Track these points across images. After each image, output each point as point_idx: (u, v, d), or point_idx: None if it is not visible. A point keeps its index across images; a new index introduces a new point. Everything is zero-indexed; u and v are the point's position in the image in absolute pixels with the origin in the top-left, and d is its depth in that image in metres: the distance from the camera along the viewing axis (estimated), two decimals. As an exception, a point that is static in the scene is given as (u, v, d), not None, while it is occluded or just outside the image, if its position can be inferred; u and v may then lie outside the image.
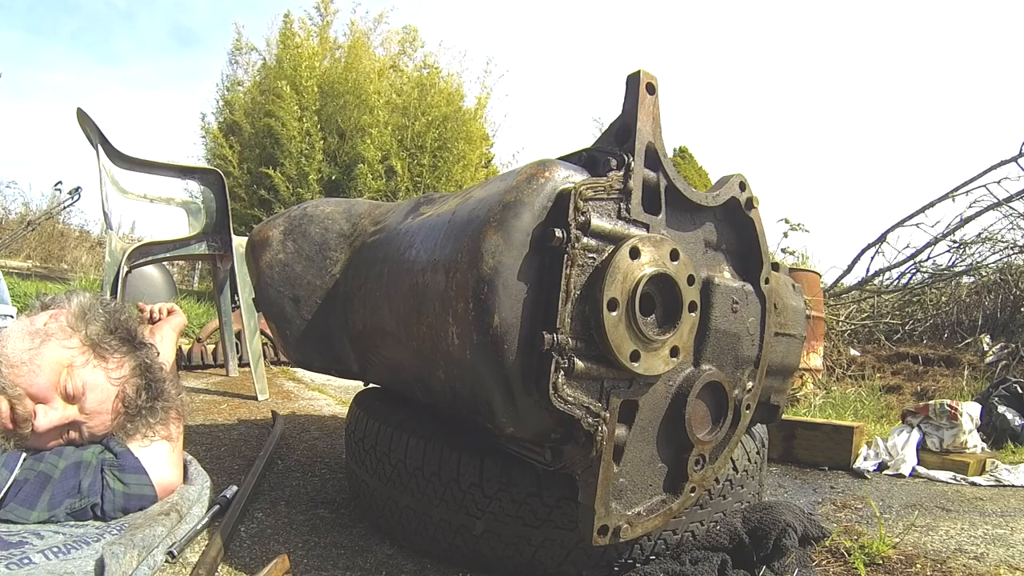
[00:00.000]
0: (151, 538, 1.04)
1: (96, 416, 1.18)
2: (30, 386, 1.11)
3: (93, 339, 1.19)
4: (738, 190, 1.17)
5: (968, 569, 1.24)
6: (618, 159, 0.98)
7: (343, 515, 1.41)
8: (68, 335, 1.18)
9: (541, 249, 0.91)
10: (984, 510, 1.71)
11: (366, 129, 7.95)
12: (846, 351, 5.62)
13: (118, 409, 1.20)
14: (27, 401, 1.11)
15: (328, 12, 9.05)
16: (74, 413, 1.16)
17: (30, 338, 1.15)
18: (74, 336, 1.18)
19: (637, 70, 0.99)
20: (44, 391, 1.12)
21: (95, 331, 1.20)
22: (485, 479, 1.11)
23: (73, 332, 1.19)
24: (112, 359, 1.21)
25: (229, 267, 2.96)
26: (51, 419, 1.13)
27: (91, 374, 1.17)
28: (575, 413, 0.91)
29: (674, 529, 1.16)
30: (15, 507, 1.06)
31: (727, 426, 1.13)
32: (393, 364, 1.28)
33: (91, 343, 1.19)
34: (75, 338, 1.18)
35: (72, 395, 1.15)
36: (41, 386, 1.12)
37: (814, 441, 2.28)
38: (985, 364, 4.89)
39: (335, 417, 2.52)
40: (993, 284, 5.89)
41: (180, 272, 10.46)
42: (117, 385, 1.20)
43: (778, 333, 1.32)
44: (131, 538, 0.99)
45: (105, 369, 1.20)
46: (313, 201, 1.56)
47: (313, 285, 1.43)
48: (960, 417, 2.32)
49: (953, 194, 6.39)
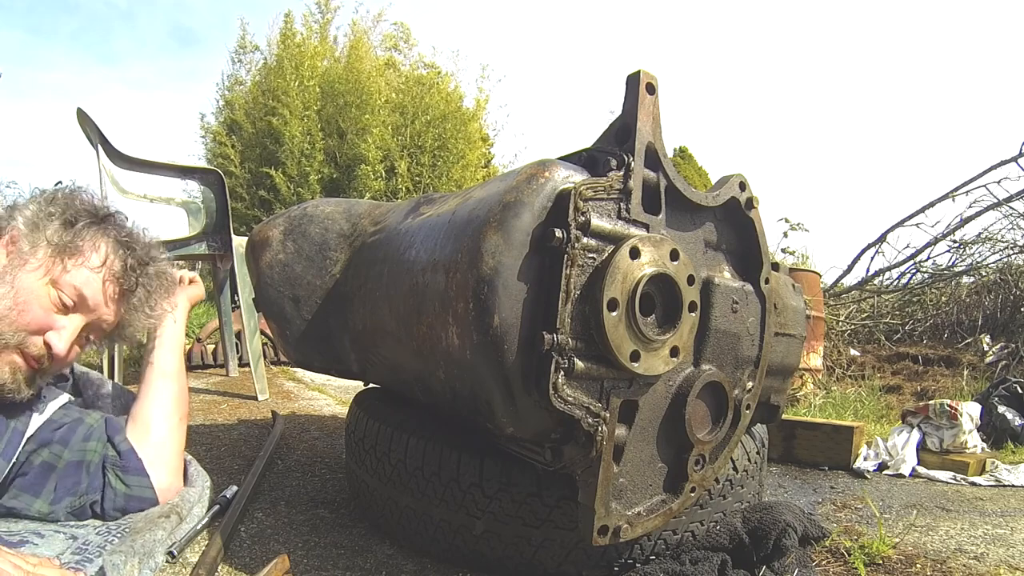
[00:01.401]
0: (151, 543, 1.04)
1: (101, 308, 1.14)
2: (28, 324, 1.06)
3: (57, 243, 1.11)
4: (738, 190, 1.17)
5: (968, 569, 1.24)
6: (618, 159, 0.98)
7: (343, 515, 1.41)
8: (32, 254, 1.09)
9: (541, 249, 0.91)
10: (984, 510, 1.71)
11: (367, 129, 7.96)
12: (846, 351, 5.62)
13: (116, 290, 1.16)
14: (34, 339, 1.07)
15: (329, 9, 9.06)
16: (80, 320, 1.12)
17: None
18: (37, 250, 1.10)
19: (637, 70, 0.99)
20: (42, 320, 1.08)
21: (55, 234, 1.11)
22: (485, 479, 1.11)
23: (33, 247, 1.10)
24: (86, 249, 1.13)
25: (229, 267, 2.97)
26: (65, 339, 1.10)
27: (75, 275, 1.11)
28: (575, 413, 0.91)
29: (674, 529, 1.16)
30: (19, 493, 1.07)
31: (727, 426, 1.13)
32: (393, 364, 1.28)
33: (58, 248, 1.11)
34: (39, 251, 1.10)
35: (69, 305, 1.11)
36: (37, 317, 1.07)
37: (814, 441, 2.28)
38: (985, 364, 4.89)
39: (335, 417, 2.52)
40: (993, 284, 5.89)
41: (180, 272, 10.44)
42: (103, 270, 1.14)
43: (778, 333, 1.32)
44: (131, 545, 1.00)
45: (85, 262, 1.12)
46: (313, 201, 1.56)
47: (313, 285, 1.43)
48: (960, 417, 2.32)
49: (953, 194, 6.39)
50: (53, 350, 1.08)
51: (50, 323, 1.08)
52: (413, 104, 8.47)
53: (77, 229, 1.13)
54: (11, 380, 1.05)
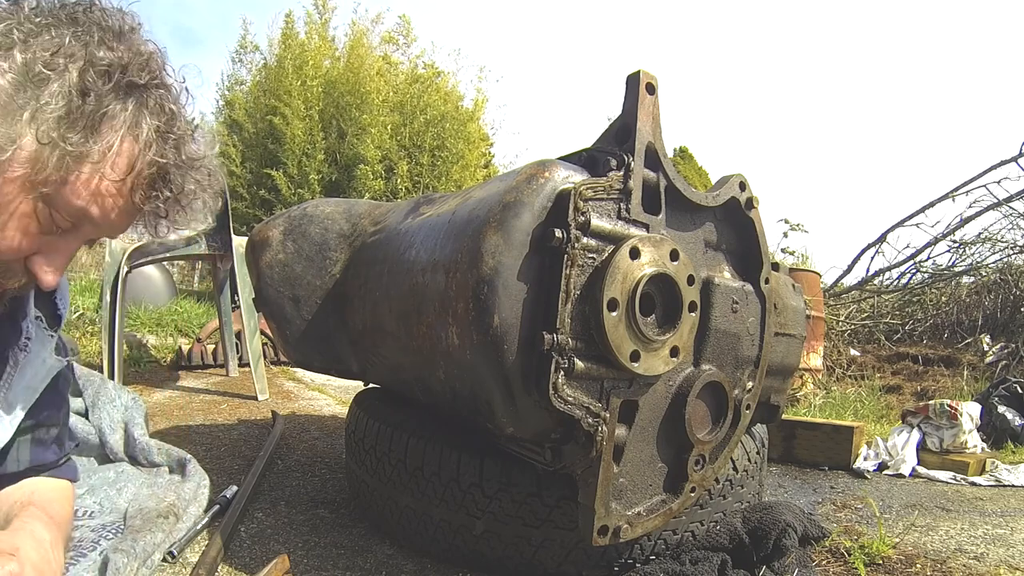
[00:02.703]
0: (151, 546, 1.05)
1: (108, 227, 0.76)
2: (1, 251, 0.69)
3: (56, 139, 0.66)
4: (738, 190, 1.17)
5: (968, 569, 1.24)
6: (618, 159, 0.98)
7: (343, 515, 1.41)
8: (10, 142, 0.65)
9: (541, 249, 0.91)
10: (984, 510, 1.71)
11: (366, 129, 7.96)
12: (846, 351, 5.62)
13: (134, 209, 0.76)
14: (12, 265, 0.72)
15: (326, 10, 9.06)
16: (77, 240, 0.76)
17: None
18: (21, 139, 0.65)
19: (637, 70, 0.99)
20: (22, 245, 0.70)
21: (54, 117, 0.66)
22: (485, 479, 1.11)
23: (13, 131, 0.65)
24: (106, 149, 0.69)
25: (229, 267, 2.97)
26: (56, 268, 0.75)
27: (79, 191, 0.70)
28: (575, 413, 0.91)
29: (674, 529, 1.16)
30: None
31: (727, 426, 1.13)
32: (393, 364, 1.27)
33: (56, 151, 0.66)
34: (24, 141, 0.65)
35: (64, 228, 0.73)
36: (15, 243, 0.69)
37: (814, 441, 2.28)
38: (985, 364, 4.89)
39: (335, 417, 2.52)
40: (993, 284, 5.89)
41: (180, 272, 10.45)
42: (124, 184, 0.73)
43: (778, 333, 1.32)
44: (133, 545, 1.00)
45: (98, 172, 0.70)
46: (313, 201, 1.56)
47: (313, 285, 1.43)
48: (960, 417, 2.32)
49: (953, 194, 6.39)
50: (40, 282, 0.75)
51: (34, 247, 0.72)
52: (412, 103, 8.47)
53: (91, 111, 0.67)
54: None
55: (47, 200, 0.69)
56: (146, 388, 2.83)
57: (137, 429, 1.56)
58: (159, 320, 4.20)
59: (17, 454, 0.92)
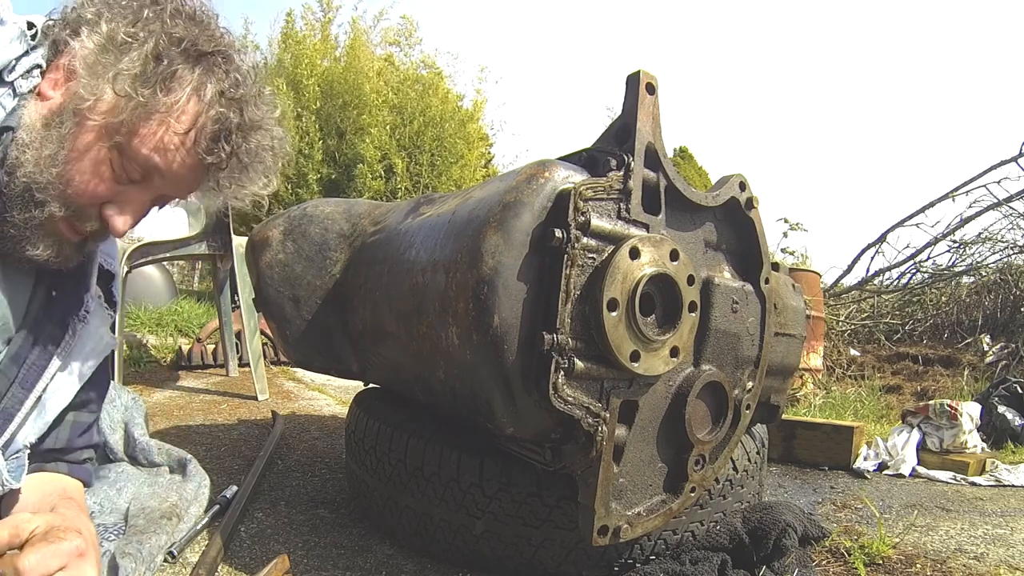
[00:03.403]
0: (156, 549, 1.06)
1: (175, 183, 0.84)
2: (81, 195, 0.78)
3: (132, 97, 0.75)
4: (738, 190, 1.17)
5: (968, 569, 1.24)
6: (618, 159, 0.98)
7: (343, 515, 1.41)
8: (93, 97, 0.75)
9: (541, 249, 0.91)
10: (984, 510, 1.71)
11: (365, 129, 7.95)
12: (846, 351, 5.62)
13: (200, 165, 0.83)
14: (88, 211, 0.80)
15: (331, 8, 9.06)
16: (148, 193, 0.83)
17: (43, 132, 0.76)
18: (102, 95, 0.75)
19: (637, 70, 0.99)
20: (100, 191, 0.79)
21: (130, 75, 0.75)
22: (485, 479, 1.11)
23: (96, 89, 0.75)
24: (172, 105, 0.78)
25: (229, 267, 2.96)
26: (128, 218, 0.82)
27: (149, 142, 0.78)
28: (575, 413, 0.91)
29: (674, 529, 1.16)
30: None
31: (727, 426, 1.13)
32: (393, 364, 1.28)
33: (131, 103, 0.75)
34: (105, 97, 0.75)
35: (135, 178, 0.80)
36: (93, 188, 0.78)
37: (814, 441, 2.28)
38: (985, 364, 4.89)
39: (335, 417, 2.52)
40: (993, 284, 5.90)
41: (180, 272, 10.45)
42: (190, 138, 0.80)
43: (778, 333, 1.32)
44: (139, 549, 1.01)
45: (167, 126, 0.78)
46: (313, 201, 1.56)
47: (313, 285, 1.43)
48: (960, 417, 2.32)
49: (953, 194, 6.39)
50: (112, 230, 0.82)
51: (109, 195, 0.80)
52: (412, 104, 8.47)
53: (163, 72, 0.77)
54: (55, 254, 0.81)
55: (120, 149, 0.77)
56: (146, 388, 2.83)
57: (137, 429, 1.56)
58: (159, 320, 4.20)
59: (58, 432, 0.94)
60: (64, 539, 0.72)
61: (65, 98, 0.77)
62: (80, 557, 0.73)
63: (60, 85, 0.78)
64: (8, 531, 0.70)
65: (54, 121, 0.76)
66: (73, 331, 0.90)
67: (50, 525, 0.74)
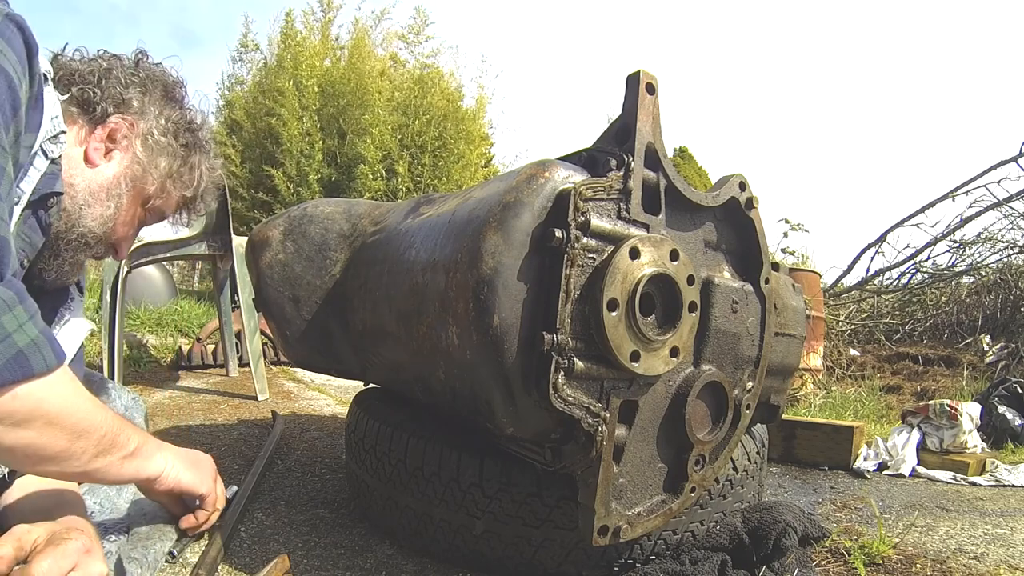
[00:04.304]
0: (160, 555, 1.06)
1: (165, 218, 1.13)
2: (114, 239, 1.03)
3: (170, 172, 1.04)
4: (738, 190, 1.17)
5: (968, 569, 1.24)
6: (618, 159, 0.98)
7: (343, 515, 1.41)
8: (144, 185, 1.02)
9: (541, 249, 0.91)
10: (984, 510, 1.71)
11: (367, 129, 7.95)
12: (846, 351, 5.62)
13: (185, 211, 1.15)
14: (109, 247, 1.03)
15: (331, 8, 9.05)
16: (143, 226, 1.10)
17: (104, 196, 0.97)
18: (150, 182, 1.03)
19: (637, 70, 0.99)
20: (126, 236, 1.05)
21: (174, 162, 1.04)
22: (485, 479, 1.11)
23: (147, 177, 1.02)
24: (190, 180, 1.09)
25: (229, 267, 2.96)
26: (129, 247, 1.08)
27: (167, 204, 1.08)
28: (575, 413, 0.91)
29: (674, 529, 1.16)
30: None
31: (727, 426, 1.13)
32: (393, 364, 1.28)
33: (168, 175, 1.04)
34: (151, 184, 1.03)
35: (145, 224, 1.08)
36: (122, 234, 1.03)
37: (814, 441, 2.28)
38: (985, 364, 4.89)
39: (335, 417, 2.52)
40: (993, 284, 5.90)
41: (180, 272, 10.45)
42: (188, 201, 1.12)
43: (778, 333, 1.32)
44: (144, 554, 1.01)
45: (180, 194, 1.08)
46: (313, 201, 1.56)
47: (313, 285, 1.43)
48: (960, 417, 2.32)
49: (953, 194, 6.39)
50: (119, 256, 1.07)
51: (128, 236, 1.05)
52: (415, 103, 8.46)
53: (185, 154, 1.06)
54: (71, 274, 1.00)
55: (147, 207, 1.04)
56: (146, 388, 2.83)
57: (137, 429, 1.56)
58: (159, 320, 4.20)
59: None
60: (69, 539, 0.76)
61: (121, 169, 0.97)
62: (87, 554, 0.77)
63: (106, 155, 0.96)
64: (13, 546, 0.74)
65: (113, 189, 0.96)
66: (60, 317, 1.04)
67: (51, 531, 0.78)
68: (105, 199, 0.95)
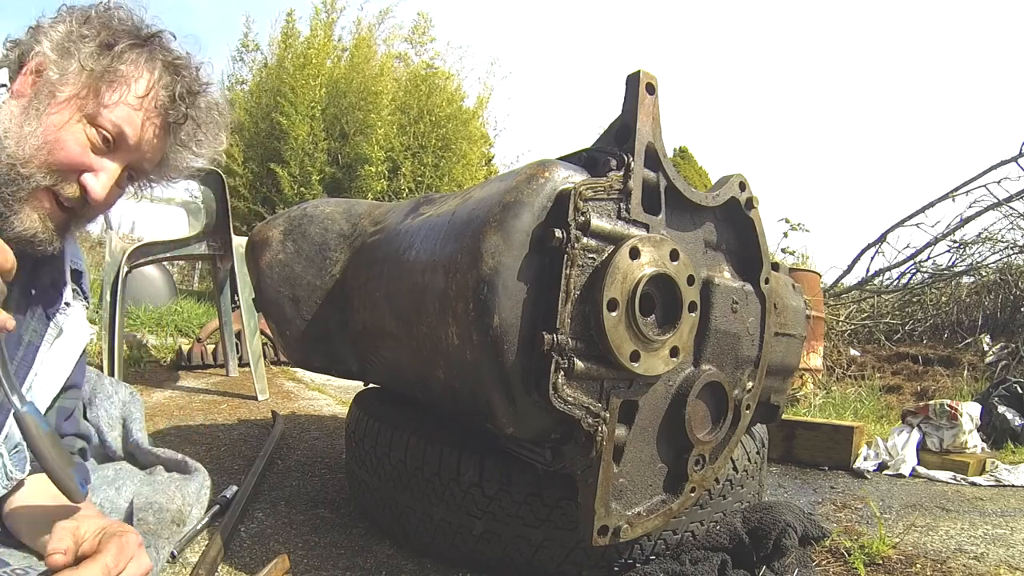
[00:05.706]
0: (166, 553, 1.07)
1: (143, 146, 0.96)
2: (61, 163, 0.89)
3: (92, 70, 0.90)
4: (738, 190, 1.17)
5: (968, 569, 1.24)
6: (618, 159, 0.98)
7: (343, 515, 1.41)
8: (61, 84, 0.90)
9: (541, 249, 0.91)
10: (984, 510, 1.71)
11: (371, 129, 7.94)
12: (846, 351, 5.62)
13: (161, 124, 0.97)
14: (69, 181, 0.90)
15: (334, 9, 9.05)
16: (120, 159, 0.94)
17: (21, 117, 0.88)
18: (67, 79, 0.90)
19: (637, 70, 0.99)
20: (78, 158, 0.90)
21: (89, 60, 0.91)
22: (485, 479, 1.11)
23: (63, 76, 0.89)
24: (127, 77, 0.93)
25: (229, 267, 2.97)
26: (103, 182, 0.92)
27: (114, 110, 0.92)
28: (575, 413, 0.91)
29: (674, 529, 1.16)
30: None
31: (727, 426, 1.13)
32: (393, 364, 1.28)
33: (93, 77, 0.91)
34: (70, 81, 0.90)
35: (106, 142, 0.92)
36: (72, 155, 0.89)
37: (814, 441, 2.28)
38: (985, 364, 4.89)
39: (335, 417, 2.52)
40: (993, 284, 5.90)
41: (180, 272, 10.44)
42: (147, 101, 0.94)
43: (778, 333, 1.32)
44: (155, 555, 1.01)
45: (125, 94, 0.93)
46: (313, 201, 1.56)
47: (313, 285, 1.43)
48: (960, 417, 2.32)
49: (953, 194, 6.39)
50: (90, 194, 0.92)
51: (87, 163, 0.92)
52: (419, 104, 8.45)
53: (116, 52, 0.93)
54: (42, 229, 0.89)
55: (90, 119, 0.90)
56: (146, 388, 2.83)
57: (135, 425, 1.56)
58: (159, 320, 4.21)
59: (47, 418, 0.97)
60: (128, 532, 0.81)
61: (38, 85, 0.89)
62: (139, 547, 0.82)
63: (32, 75, 0.90)
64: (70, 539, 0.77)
65: (31, 105, 0.88)
66: (56, 324, 0.99)
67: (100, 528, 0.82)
68: (22, 118, 0.87)
